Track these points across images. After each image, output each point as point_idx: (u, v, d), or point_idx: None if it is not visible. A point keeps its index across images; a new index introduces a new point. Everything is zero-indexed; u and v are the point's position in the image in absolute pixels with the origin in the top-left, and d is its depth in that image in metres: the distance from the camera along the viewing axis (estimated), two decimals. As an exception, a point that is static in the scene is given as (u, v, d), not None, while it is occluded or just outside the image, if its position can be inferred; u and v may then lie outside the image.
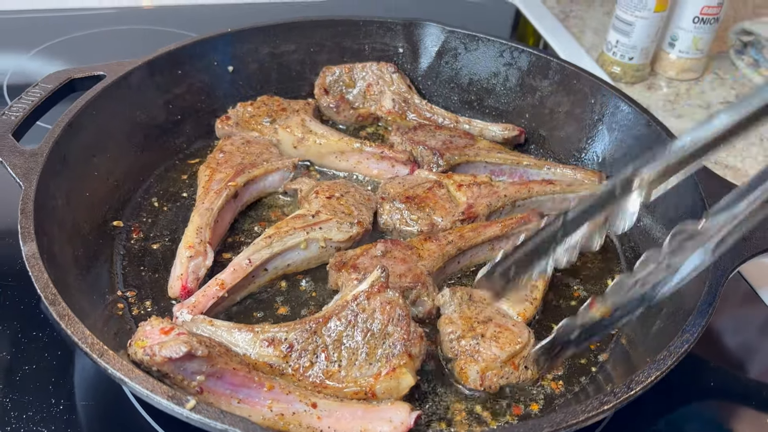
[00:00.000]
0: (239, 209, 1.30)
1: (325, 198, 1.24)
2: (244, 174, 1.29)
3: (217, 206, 1.21)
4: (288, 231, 1.16)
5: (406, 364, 0.96)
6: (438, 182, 1.31)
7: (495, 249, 1.23)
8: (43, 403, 0.99)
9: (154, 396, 0.79)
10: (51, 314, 0.88)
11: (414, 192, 1.28)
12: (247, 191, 1.30)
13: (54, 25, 1.96)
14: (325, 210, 1.21)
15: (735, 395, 1.10)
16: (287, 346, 0.98)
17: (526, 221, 1.22)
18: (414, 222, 1.23)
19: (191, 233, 1.15)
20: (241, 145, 1.37)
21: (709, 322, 0.94)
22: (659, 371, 0.86)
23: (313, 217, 1.19)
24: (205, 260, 1.13)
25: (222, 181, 1.26)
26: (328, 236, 1.17)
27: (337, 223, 1.19)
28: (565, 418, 0.80)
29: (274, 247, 1.14)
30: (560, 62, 1.49)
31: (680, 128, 1.72)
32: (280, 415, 0.89)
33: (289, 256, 1.16)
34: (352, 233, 1.19)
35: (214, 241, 1.19)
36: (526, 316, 1.09)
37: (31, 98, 1.23)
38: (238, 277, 1.10)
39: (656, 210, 1.26)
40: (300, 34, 1.56)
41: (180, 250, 1.13)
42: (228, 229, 1.26)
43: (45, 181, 1.07)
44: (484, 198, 1.27)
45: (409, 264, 1.12)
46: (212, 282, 1.09)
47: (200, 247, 1.13)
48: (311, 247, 1.17)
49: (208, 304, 1.06)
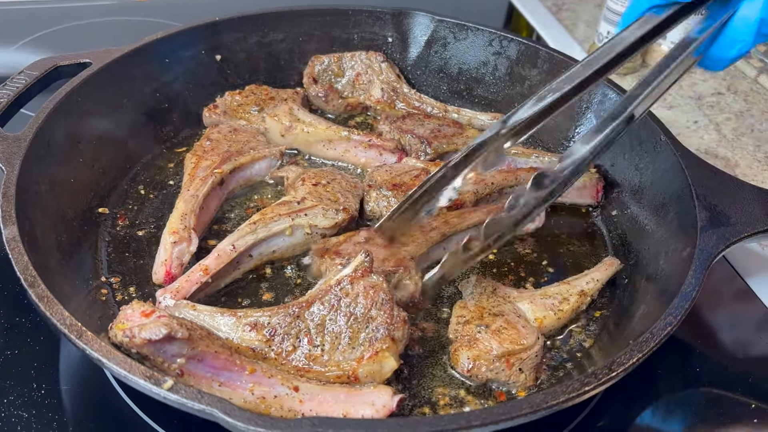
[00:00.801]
0: (225, 197, 1.29)
1: (311, 185, 1.24)
2: (231, 161, 1.28)
3: (202, 193, 1.20)
4: (273, 217, 1.15)
5: (388, 347, 0.95)
6: (425, 170, 1.30)
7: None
8: (25, 388, 0.99)
9: (131, 376, 0.79)
10: (30, 296, 0.87)
11: (401, 179, 1.27)
12: (233, 179, 1.30)
13: (39, 17, 1.95)
14: (310, 197, 1.20)
15: (722, 382, 1.10)
16: (270, 331, 0.97)
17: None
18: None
19: (176, 219, 1.15)
20: (228, 133, 1.36)
21: (692, 305, 0.93)
22: (641, 353, 0.86)
23: (299, 204, 1.18)
24: (189, 246, 1.12)
25: (208, 168, 1.25)
26: (313, 223, 1.17)
27: (323, 209, 1.18)
28: (545, 399, 0.79)
29: (258, 233, 1.13)
30: (549, 51, 1.49)
31: (671, 119, 1.72)
32: (261, 398, 0.89)
33: (274, 242, 1.16)
34: (338, 220, 1.18)
35: (199, 228, 1.18)
36: (544, 323, 1.07)
37: (15, 85, 1.22)
38: (222, 262, 1.09)
39: (643, 197, 1.25)
40: (288, 23, 1.56)
41: (164, 236, 1.13)
42: (214, 216, 1.26)
43: (28, 166, 1.07)
44: (471, 185, 1.27)
45: (392, 249, 1.11)
46: (196, 267, 1.08)
47: (185, 233, 1.13)
48: (296, 233, 1.16)
49: (192, 289, 1.06)
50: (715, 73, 1.93)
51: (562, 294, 1.10)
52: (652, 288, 1.09)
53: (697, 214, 1.07)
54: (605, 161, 1.36)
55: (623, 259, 1.20)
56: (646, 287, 1.11)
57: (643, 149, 1.27)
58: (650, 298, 1.06)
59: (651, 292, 1.08)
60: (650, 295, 1.07)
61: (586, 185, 1.32)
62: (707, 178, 1.15)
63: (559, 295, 1.10)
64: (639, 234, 1.22)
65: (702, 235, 1.04)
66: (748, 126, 1.73)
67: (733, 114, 1.77)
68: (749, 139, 1.68)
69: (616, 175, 1.34)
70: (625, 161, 1.32)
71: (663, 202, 1.19)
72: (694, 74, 1.93)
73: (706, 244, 1.03)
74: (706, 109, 1.79)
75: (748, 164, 1.59)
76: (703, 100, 1.82)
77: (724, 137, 1.69)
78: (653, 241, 1.17)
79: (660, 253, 1.13)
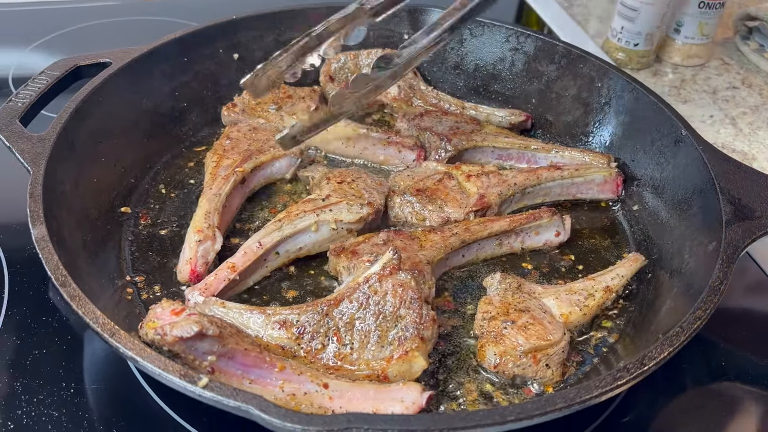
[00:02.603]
0: (247, 195, 1.30)
1: (336, 183, 1.24)
2: (252, 160, 1.29)
3: (225, 191, 1.21)
4: (298, 214, 1.16)
5: (418, 347, 0.96)
6: (447, 173, 1.29)
7: (503, 244, 1.22)
8: (54, 387, 0.99)
9: (166, 374, 0.79)
10: (62, 295, 0.88)
11: (424, 184, 1.26)
12: (254, 177, 1.30)
13: (57, 17, 1.95)
14: (335, 194, 1.21)
15: (747, 377, 1.09)
16: (299, 329, 0.98)
17: (536, 217, 1.21)
18: (427, 214, 1.22)
19: (200, 218, 1.15)
20: (248, 132, 1.36)
21: (721, 300, 0.93)
22: (672, 347, 0.86)
23: (324, 201, 1.19)
24: (213, 244, 1.13)
25: (229, 167, 1.26)
26: (338, 218, 1.17)
27: (348, 204, 1.18)
28: (579, 394, 0.79)
29: (284, 230, 1.14)
30: (566, 46, 1.48)
31: (687, 114, 1.71)
32: (291, 395, 0.89)
33: (300, 239, 1.16)
34: (363, 214, 1.18)
35: (223, 226, 1.18)
36: (570, 319, 1.06)
37: (37, 85, 1.23)
38: (249, 260, 1.10)
39: (665, 192, 1.25)
40: (305, 21, 1.55)
41: (189, 234, 1.13)
42: (236, 214, 1.26)
43: (53, 166, 1.07)
44: (495, 187, 1.26)
45: (409, 253, 1.10)
46: (223, 265, 1.09)
47: (209, 231, 1.13)
48: (322, 229, 1.17)
49: (220, 287, 1.06)
50: (730, 68, 1.93)
51: (587, 290, 1.10)
52: (677, 283, 1.09)
53: (722, 208, 1.07)
54: (625, 156, 1.36)
55: (646, 253, 1.20)
56: (670, 282, 1.11)
57: (663, 144, 1.27)
58: (676, 293, 1.06)
59: (676, 287, 1.07)
60: (675, 290, 1.07)
61: (606, 180, 1.32)
62: (730, 172, 1.14)
63: (585, 290, 1.10)
64: (662, 229, 1.22)
65: (727, 229, 1.04)
66: (764, 120, 1.72)
67: (749, 108, 1.77)
68: (766, 132, 1.68)
69: (637, 170, 1.34)
70: (645, 156, 1.32)
71: (685, 197, 1.19)
72: (709, 68, 1.92)
73: (731, 238, 1.02)
74: (722, 104, 1.78)
75: (766, 157, 1.59)
76: (718, 95, 1.82)
77: (741, 131, 1.68)
78: (676, 236, 1.17)
79: (684, 247, 1.13)
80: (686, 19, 1.84)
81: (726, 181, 1.12)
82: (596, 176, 1.32)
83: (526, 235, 1.23)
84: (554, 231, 1.23)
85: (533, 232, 1.22)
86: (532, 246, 1.24)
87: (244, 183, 1.28)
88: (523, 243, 1.23)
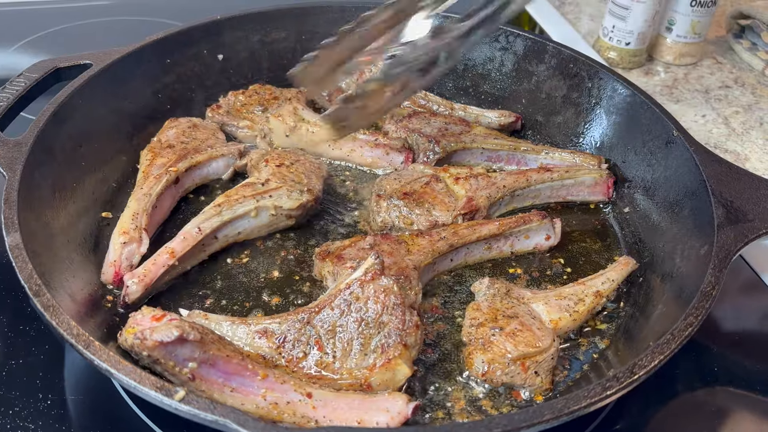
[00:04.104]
0: (180, 196, 1.26)
1: (275, 166, 1.23)
2: (187, 159, 1.25)
3: (155, 192, 1.18)
4: (238, 199, 1.15)
5: (401, 354, 0.93)
6: (435, 176, 1.26)
7: (492, 248, 1.19)
8: (31, 398, 0.96)
9: (141, 387, 0.76)
10: (35, 306, 0.85)
11: (411, 187, 1.24)
12: (189, 177, 1.27)
13: (37, 18, 1.93)
14: (274, 178, 1.20)
15: (740, 381, 1.08)
16: (280, 338, 0.95)
17: (526, 221, 1.19)
18: (415, 218, 1.20)
19: (126, 219, 1.12)
20: (187, 129, 1.33)
21: (713, 305, 0.91)
22: (662, 355, 0.84)
23: (263, 185, 1.18)
24: (139, 247, 1.10)
25: (163, 166, 1.22)
26: (278, 204, 1.16)
27: (287, 190, 1.18)
28: (567, 404, 0.77)
29: (224, 216, 1.13)
30: (556, 46, 1.46)
31: (679, 113, 1.70)
32: (274, 404, 0.87)
33: (240, 224, 1.16)
34: (302, 201, 1.18)
35: (151, 228, 1.16)
36: (559, 325, 1.04)
37: (15, 88, 1.20)
38: (188, 245, 1.09)
39: (656, 194, 1.23)
40: (291, 21, 1.53)
41: (114, 236, 1.11)
42: (167, 215, 1.23)
43: (30, 171, 1.05)
44: (484, 190, 1.24)
45: (396, 257, 1.08)
46: (162, 251, 1.08)
47: (135, 233, 1.11)
48: (261, 215, 1.16)
49: (159, 272, 1.05)
50: (722, 67, 1.91)
51: (577, 295, 1.08)
52: (669, 287, 1.07)
53: (714, 210, 1.05)
54: (616, 157, 1.34)
55: (637, 257, 1.18)
56: (662, 286, 1.09)
57: (655, 145, 1.26)
58: (667, 297, 1.04)
59: (668, 291, 1.06)
60: (667, 294, 1.05)
61: (597, 182, 1.31)
62: (722, 174, 1.13)
63: (575, 295, 1.08)
64: (653, 231, 1.20)
65: (719, 233, 1.02)
66: (757, 119, 1.71)
67: (742, 107, 1.75)
68: (758, 132, 1.66)
69: (628, 172, 1.32)
70: (636, 157, 1.30)
71: (677, 199, 1.17)
72: (701, 67, 1.91)
73: (724, 241, 1.01)
74: (714, 103, 1.77)
75: (759, 158, 1.57)
76: (711, 94, 1.80)
77: (733, 131, 1.67)
78: (668, 239, 1.15)
79: (675, 251, 1.11)
80: (678, 18, 1.82)
81: (718, 183, 1.10)
82: (586, 178, 1.31)
83: (516, 239, 1.21)
84: (544, 235, 1.21)
85: (523, 235, 1.20)
86: (521, 250, 1.22)
87: (178, 183, 1.24)
88: (512, 247, 1.21)
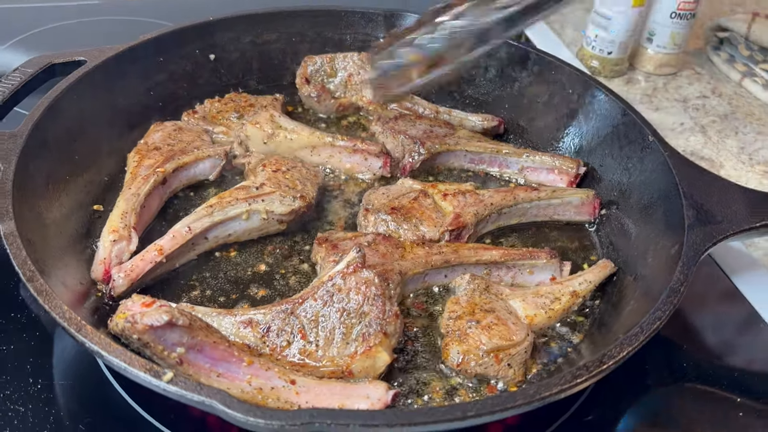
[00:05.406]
0: (168, 196, 1.29)
1: (272, 171, 1.25)
2: (174, 160, 1.27)
3: (143, 192, 1.20)
4: (230, 201, 1.17)
5: (381, 342, 0.97)
6: (423, 192, 1.27)
7: (491, 275, 1.18)
8: (21, 383, 0.99)
9: (131, 369, 0.79)
10: (29, 290, 0.88)
11: (399, 203, 1.25)
12: (176, 178, 1.29)
13: (30, 16, 1.95)
14: (269, 183, 1.22)
15: (708, 378, 1.12)
16: (264, 327, 0.99)
17: (534, 256, 1.18)
18: (402, 233, 1.20)
19: (116, 217, 1.14)
20: (173, 131, 1.35)
21: (680, 301, 0.95)
22: (631, 347, 0.88)
23: (257, 189, 1.20)
24: (129, 245, 1.12)
25: (150, 167, 1.24)
26: (270, 208, 1.18)
27: (280, 195, 1.20)
28: (539, 391, 0.81)
29: (215, 217, 1.15)
30: (539, 53, 1.51)
31: (658, 122, 1.75)
32: (258, 389, 0.90)
33: (230, 226, 1.17)
34: (294, 206, 1.20)
35: (140, 227, 1.18)
36: (534, 321, 1.08)
37: (10, 82, 1.23)
38: (177, 244, 1.11)
39: (632, 196, 1.27)
40: (282, 24, 1.57)
41: (104, 234, 1.13)
42: (155, 215, 1.25)
43: (24, 162, 1.07)
44: (471, 207, 1.24)
45: (386, 259, 1.10)
46: (151, 247, 1.10)
47: (124, 231, 1.13)
48: (253, 218, 1.18)
49: (146, 268, 1.08)
50: (701, 77, 1.97)
51: (554, 293, 1.12)
52: (641, 284, 1.11)
53: (685, 212, 1.09)
54: (594, 161, 1.39)
55: (612, 256, 1.22)
56: (634, 284, 1.13)
57: (631, 149, 1.30)
58: (638, 294, 1.08)
59: (639, 288, 1.10)
60: (638, 291, 1.09)
61: (583, 202, 1.31)
62: (694, 178, 1.17)
63: (552, 294, 1.12)
64: (627, 233, 1.24)
65: (689, 233, 1.06)
66: (733, 129, 1.76)
67: (718, 117, 1.81)
68: (734, 141, 1.72)
69: (605, 175, 1.36)
70: (613, 161, 1.34)
71: (651, 201, 1.21)
72: (680, 77, 1.96)
73: (693, 241, 1.05)
74: (692, 112, 1.82)
75: (733, 166, 1.63)
76: (689, 103, 1.85)
77: (710, 139, 1.72)
78: (641, 240, 1.20)
79: (648, 251, 1.15)
80: (658, 29, 1.87)
81: (690, 186, 1.15)
82: (573, 198, 1.31)
83: (519, 272, 1.18)
84: (550, 275, 1.19)
85: (527, 270, 1.18)
86: (523, 284, 1.19)
87: (165, 183, 1.26)
88: (513, 279, 1.19)
